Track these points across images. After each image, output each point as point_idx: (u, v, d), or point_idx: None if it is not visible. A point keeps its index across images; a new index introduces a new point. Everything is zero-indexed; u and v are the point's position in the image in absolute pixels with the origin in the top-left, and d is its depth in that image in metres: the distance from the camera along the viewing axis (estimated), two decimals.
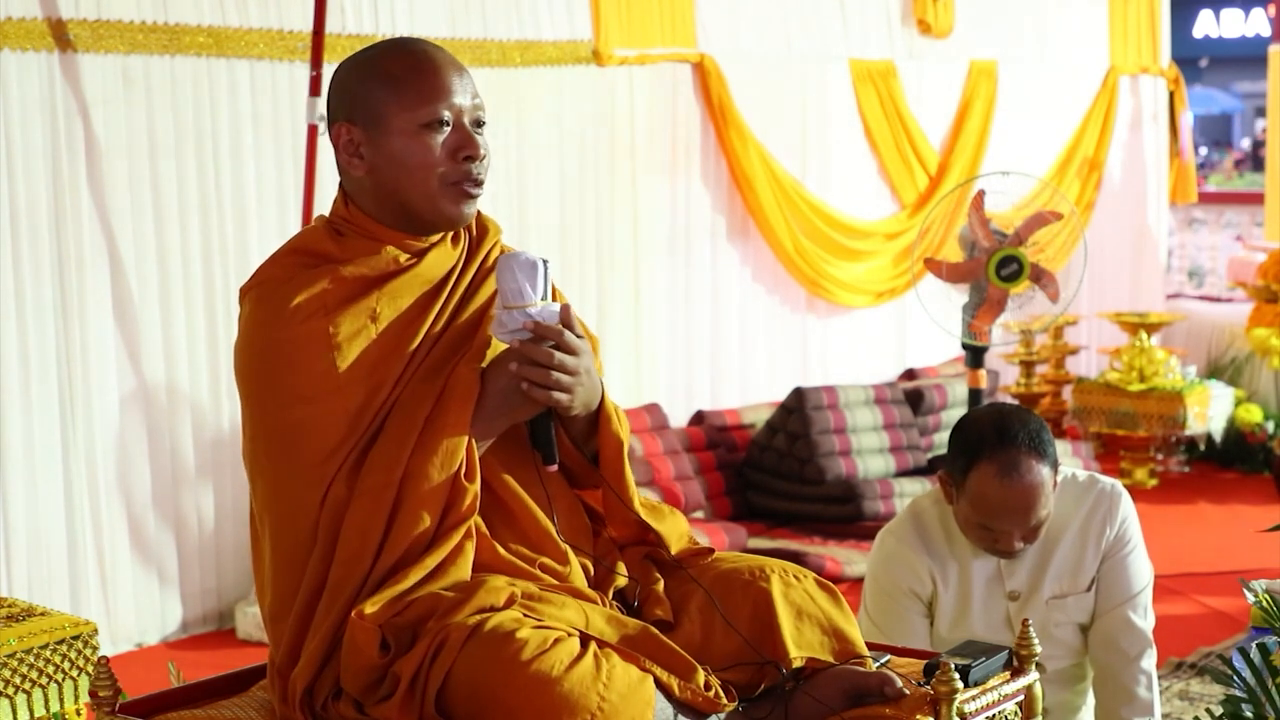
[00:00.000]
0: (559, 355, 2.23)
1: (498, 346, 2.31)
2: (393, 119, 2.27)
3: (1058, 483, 3.19)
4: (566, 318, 2.26)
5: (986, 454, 3.12)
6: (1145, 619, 3.30)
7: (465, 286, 2.35)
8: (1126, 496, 3.32)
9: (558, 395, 2.24)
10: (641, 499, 2.42)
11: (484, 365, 2.29)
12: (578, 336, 2.26)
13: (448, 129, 2.29)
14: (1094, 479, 3.32)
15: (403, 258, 2.31)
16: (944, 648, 3.23)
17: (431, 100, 2.27)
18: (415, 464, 2.20)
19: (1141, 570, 3.31)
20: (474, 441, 2.23)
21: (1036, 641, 2.46)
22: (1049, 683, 2.92)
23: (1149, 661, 3.29)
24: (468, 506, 2.21)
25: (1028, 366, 8.27)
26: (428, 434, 2.21)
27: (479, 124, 2.32)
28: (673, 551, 2.39)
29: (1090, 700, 3.41)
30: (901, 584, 3.26)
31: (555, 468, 2.30)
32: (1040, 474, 3.10)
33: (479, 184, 2.32)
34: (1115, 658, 3.26)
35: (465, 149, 2.29)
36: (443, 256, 2.34)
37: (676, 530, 2.42)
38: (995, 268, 5.17)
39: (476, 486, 2.22)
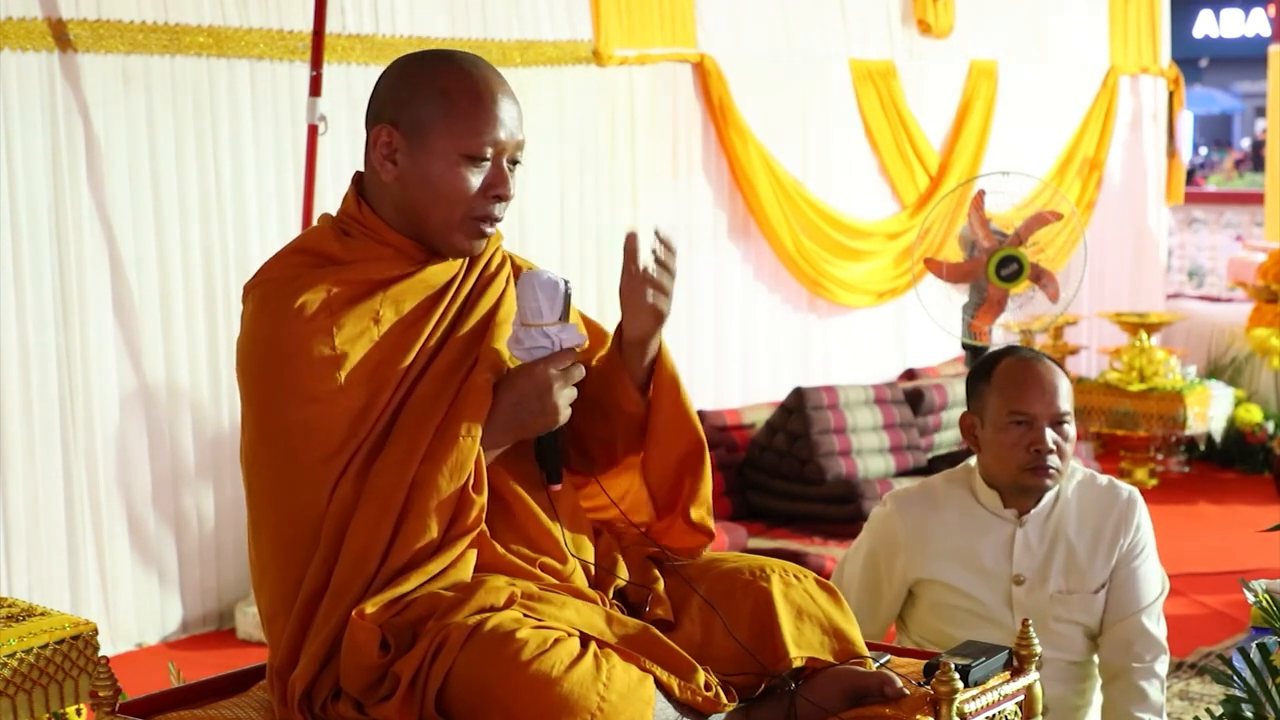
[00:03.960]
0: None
1: (513, 360, 2.31)
2: (437, 140, 2.27)
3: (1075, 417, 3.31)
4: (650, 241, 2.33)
5: (1005, 356, 3.33)
6: (1159, 626, 3.32)
7: (467, 294, 2.36)
8: (1143, 504, 3.36)
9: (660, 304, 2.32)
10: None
11: (495, 377, 2.29)
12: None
13: (486, 164, 2.29)
14: (1114, 484, 3.35)
15: (407, 263, 2.32)
16: (945, 614, 3.26)
17: (480, 133, 2.27)
18: (424, 472, 2.19)
19: (1155, 578, 3.34)
20: (483, 453, 2.23)
21: (1036, 641, 2.47)
22: (1048, 678, 2.93)
23: (1162, 666, 3.32)
24: (474, 519, 2.21)
25: None
26: (438, 443, 2.21)
27: (515, 163, 2.32)
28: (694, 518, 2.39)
29: (1094, 701, 3.41)
30: (874, 543, 3.36)
31: (559, 487, 2.30)
32: (1057, 370, 3.30)
33: (496, 222, 2.32)
34: (1131, 662, 3.28)
35: (496, 188, 2.29)
36: (447, 264, 2.35)
37: (701, 498, 2.43)
38: (995, 268, 5.17)
39: (484, 499, 2.22)
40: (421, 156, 2.27)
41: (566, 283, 2.26)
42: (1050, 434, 3.21)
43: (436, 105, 2.27)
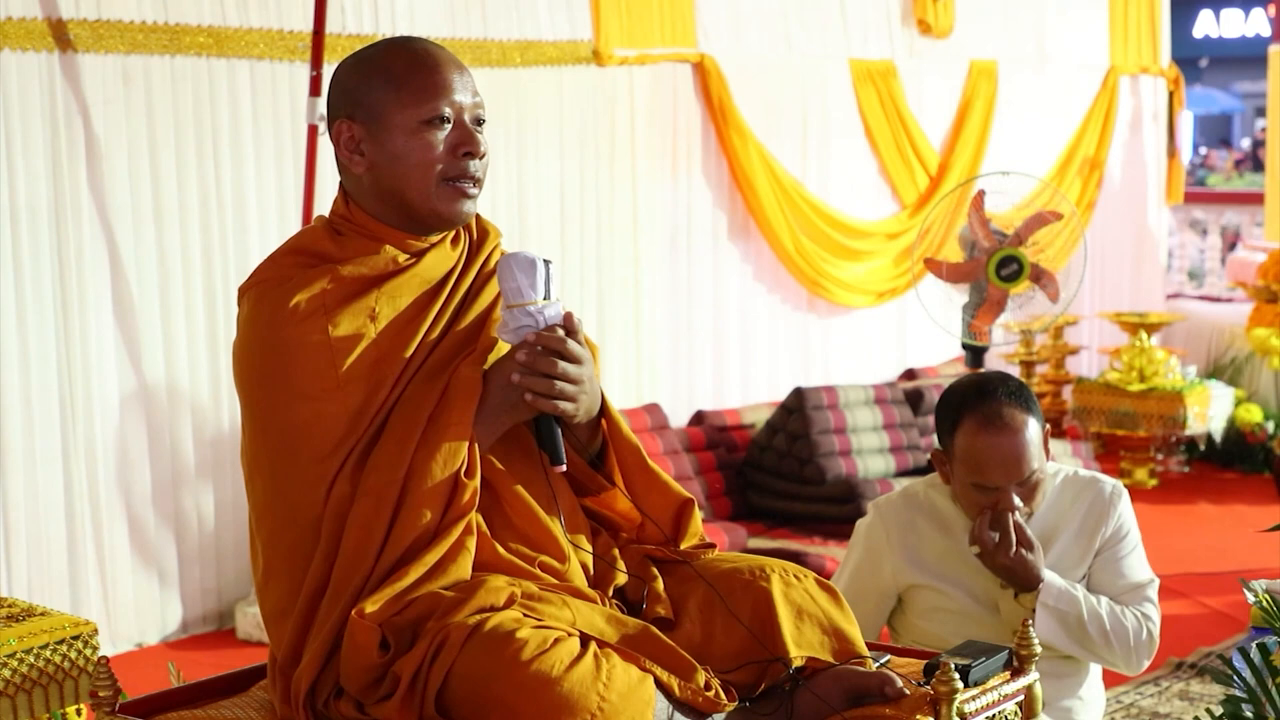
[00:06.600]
0: (562, 365, 2.23)
1: (502, 347, 2.31)
2: (393, 116, 2.28)
3: (1048, 442, 3.19)
4: (570, 324, 2.26)
5: (968, 410, 3.13)
6: (1153, 608, 3.26)
7: (465, 289, 2.35)
8: (1126, 497, 3.31)
9: (563, 405, 2.24)
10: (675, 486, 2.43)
11: (487, 366, 2.29)
12: (580, 344, 2.26)
13: (448, 126, 2.29)
14: (1095, 478, 3.32)
15: (401, 258, 2.31)
16: (934, 617, 3.25)
17: (432, 97, 2.28)
18: (418, 462, 2.20)
19: (1141, 570, 3.30)
20: (476, 440, 2.23)
21: (1036, 641, 2.47)
22: (1042, 675, 2.91)
23: (1149, 607, 3.23)
24: (467, 501, 2.21)
25: (1028, 366, 8.27)
26: (431, 432, 2.21)
27: (479, 122, 2.33)
28: (682, 547, 2.39)
29: (1090, 698, 3.40)
30: (862, 553, 3.32)
31: (564, 468, 2.30)
32: (1025, 422, 3.10)
33: (477, 183, 2.32)
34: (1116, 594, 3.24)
35: (465, 145, 2.30)
36: (442, 257, 2.35)
37: (694, 530, 2.43)
38: (995, 268, 5.17)
39: (476, 482, 2.23)
40: (384, 137, 2.29)
41: (547, 262, 2.26)
42: (1016, 495, 3.12)
43: (384, 84, 2.29)
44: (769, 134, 7.40)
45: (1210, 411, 7.89)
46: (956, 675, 2.23)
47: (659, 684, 2.12)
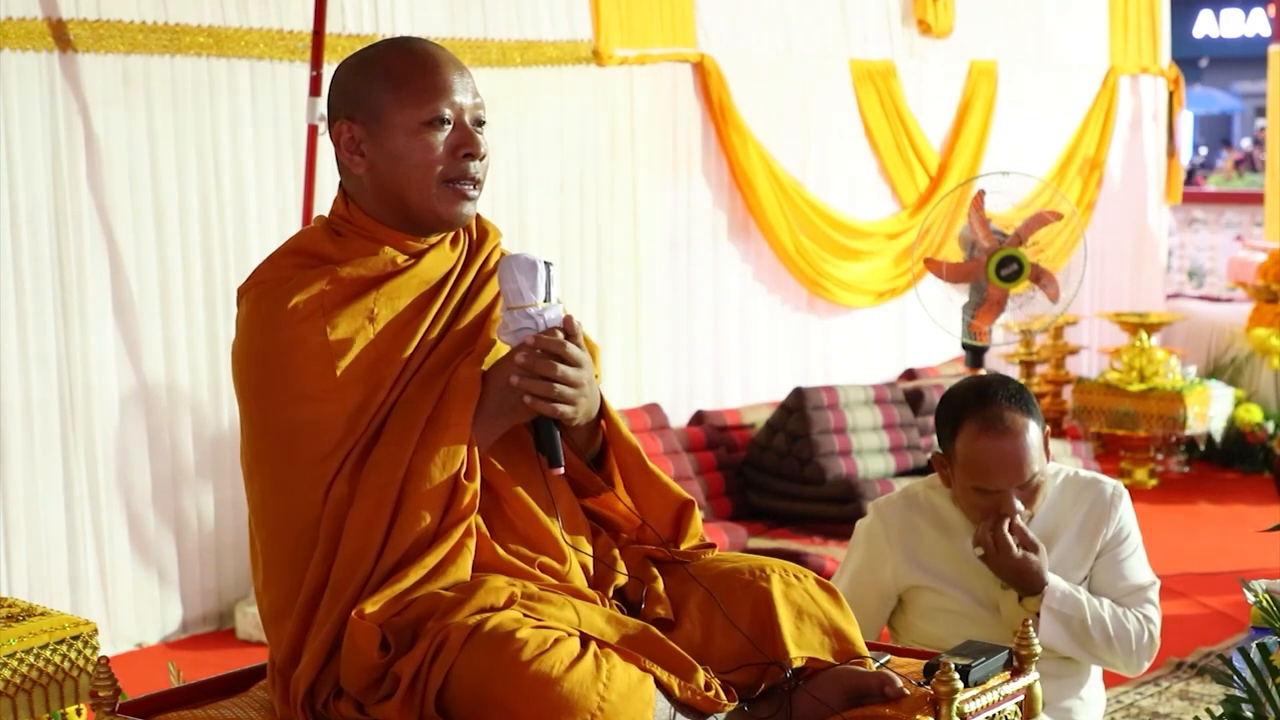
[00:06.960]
0: (561, 367, 2.23)
1: (501, 349, 2.31)
2: (394, 116, 2.28)
3: (1049, 444, 3.19)
4: (570, 327, 2.26)
5: (969, 414, 3.14)
6: (1154, 609, 3.26)
7: (465, 290, 2.35)
8: (1127, 498, 3.30)
9: (561, 408, 2.24)
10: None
11: (486, 367, 2.29)
12: (579, 347, 2.26)
13: (448, 127, 2.29)
14: (1097, 479, 3.31)
15: (400, 258, 2.31)
16: (934, 618, 3.25)
17: (433, 98, 2.28)
18: (417, 464, 2.20)
19: (1142, 572, 3.29)
20: (475, 442, 2.23)
21: (1036, 641, 2.47)
22: (1043, 676, 2.91)
23: (1150, 609, 3.23)
24: (467, 504, 2.21)
25: (1028, 366, 8.27)
26: (429, 434, 2.21)
27: (479, 123, 2.33)
28: (682, 548, 2.39)
29: (1090, 699, 3.40)
30: (863, 554, 3.30)
31: (562, 470, 2.30)
32: (1025, 425, 3.11)
33: (477, 184, 2.32)
34: (1119, 597, 3.24)
35: (465, 147, 2.30)
36: (441, 258, 2.35)
37: (694, 531, 2.43)
38: (995, 268, 5.18)
39: (476, 485, 2.23)
40: (384, 138, 2.29)
41: (547, 263, 2.26)
42: (1017, 498, 3.12)
43: (385, 85, 2.29)
44: (769, 134, 7.40)
45: (1210, 411, 7.90)
46: (956, 675, 2.23)
47: (659, 684, 2.12)
